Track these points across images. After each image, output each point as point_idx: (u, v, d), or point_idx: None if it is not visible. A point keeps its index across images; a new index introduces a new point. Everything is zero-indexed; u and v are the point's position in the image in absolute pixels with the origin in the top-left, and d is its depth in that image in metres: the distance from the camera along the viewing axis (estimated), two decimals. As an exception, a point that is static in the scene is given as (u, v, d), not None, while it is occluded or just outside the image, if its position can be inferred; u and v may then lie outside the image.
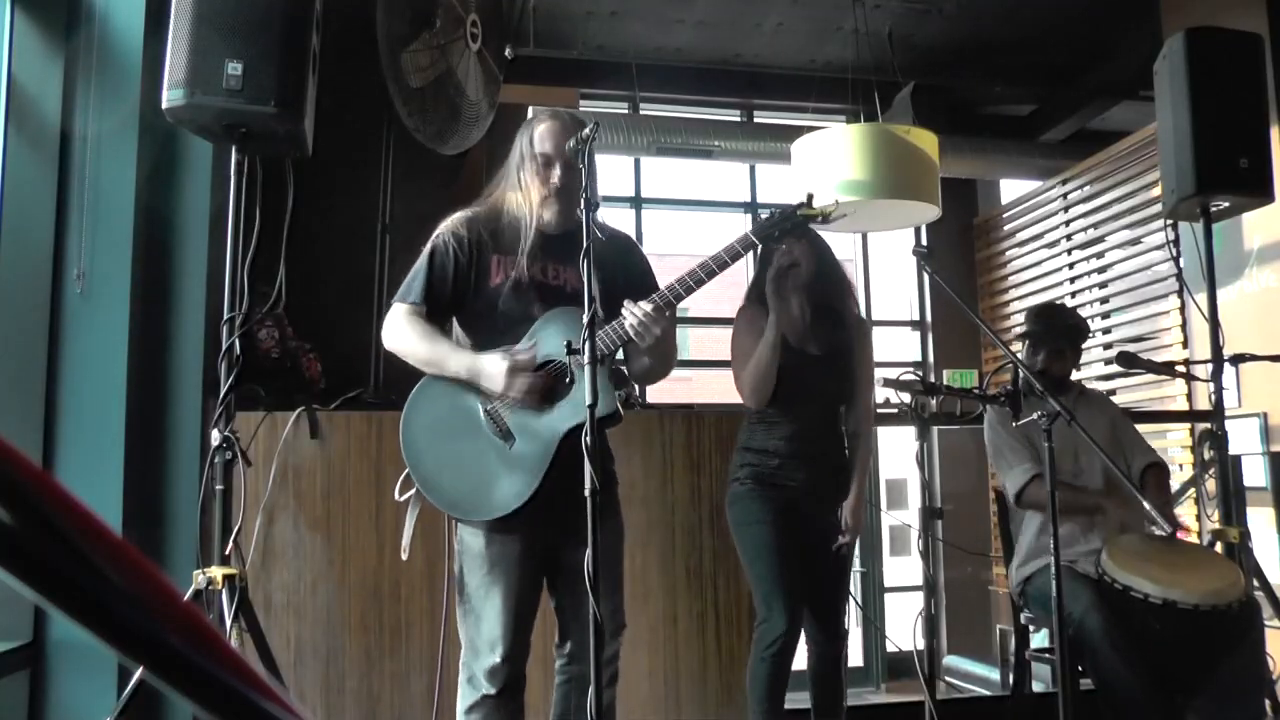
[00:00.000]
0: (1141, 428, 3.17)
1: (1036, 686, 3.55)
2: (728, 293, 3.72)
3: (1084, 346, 3.21)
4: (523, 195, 2.15)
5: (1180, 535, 2.74)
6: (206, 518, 2.33)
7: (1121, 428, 3.05)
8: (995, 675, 5.05)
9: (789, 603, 2.55)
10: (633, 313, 1.99)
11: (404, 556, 2.29)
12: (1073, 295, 5.89)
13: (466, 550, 2.12)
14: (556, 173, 2.12)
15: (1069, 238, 6.00)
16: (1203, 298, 3.16)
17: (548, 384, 2.04)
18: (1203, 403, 4.04)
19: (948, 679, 5.39)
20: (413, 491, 2.12)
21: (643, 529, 3.01)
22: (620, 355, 2.19)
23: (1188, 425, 4.83)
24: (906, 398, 2.69)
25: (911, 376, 2.67)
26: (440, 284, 2.13)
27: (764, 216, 2.20)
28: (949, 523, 5.12)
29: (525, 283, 2.12)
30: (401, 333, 2.12)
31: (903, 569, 6.72)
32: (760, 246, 2.24)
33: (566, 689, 2.19)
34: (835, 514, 2.67)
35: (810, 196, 2.19)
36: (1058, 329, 3.03)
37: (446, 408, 2.09)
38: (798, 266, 2.64)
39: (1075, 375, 3.15)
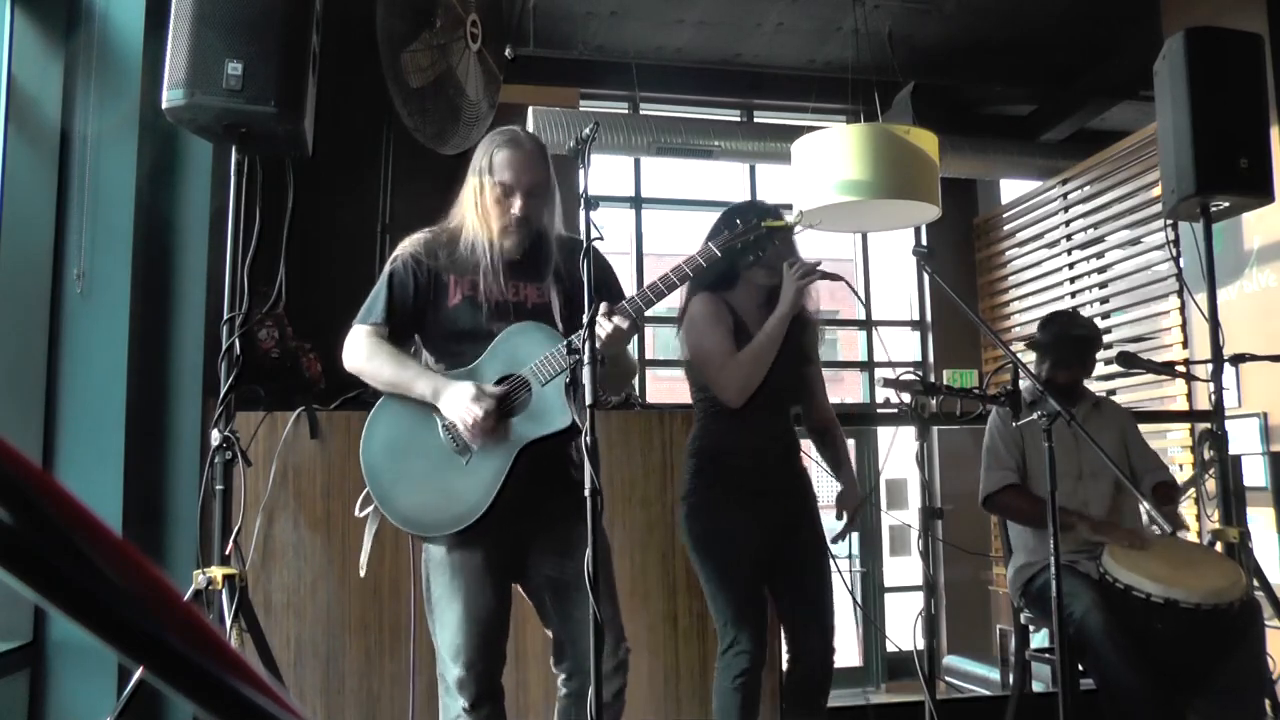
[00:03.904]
0: (1141, 428, 3.17)
1: (1036, 686, 3.55)
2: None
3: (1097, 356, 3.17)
4: (480, 219, 2.12)
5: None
6: (206, 518, 2.32)
7: (1132, 442, 3.04)
8: (995, 675, 5.05)
9: (757, 629, 2.42)
10: (603, 325, 1.94)
11: (361, 574, 2.27)
12: (1073, 295, 5.89)
13: (431, 558, 2.11)
14: (517, 203, 2.10)
15: (1069, 238, 6.00)
16: (1203, 298, 3.16)
17: (492, 422, 2.00)
18: (1203, 403, 4.05)
19: (948, 679, 5.39)
20: (371, 508, 2.12)
21: (642, 529, 3.01)
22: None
23: (1188, 425, 4.83)
24: (906, 398, 2.68)
25: (911, 376, 2.66)
26: (401, 304, 2.12)
27: (729, 230, 2.17)
28: (949, 523, 5.11)
29: (485, 301, 2.10)
30: (364, 354, 2.11)
31: (903, 569, 6.72)
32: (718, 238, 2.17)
33: (568, 703, 2.16)
34: (804, 515, 2.55)
35: (778, 211, 2.18)
36: (1064, 339, 3.00)
37: (405, 424, 2.07)
38: (820, 267, 2.48)
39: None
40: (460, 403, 2.00)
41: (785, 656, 2.59)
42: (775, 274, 2.47)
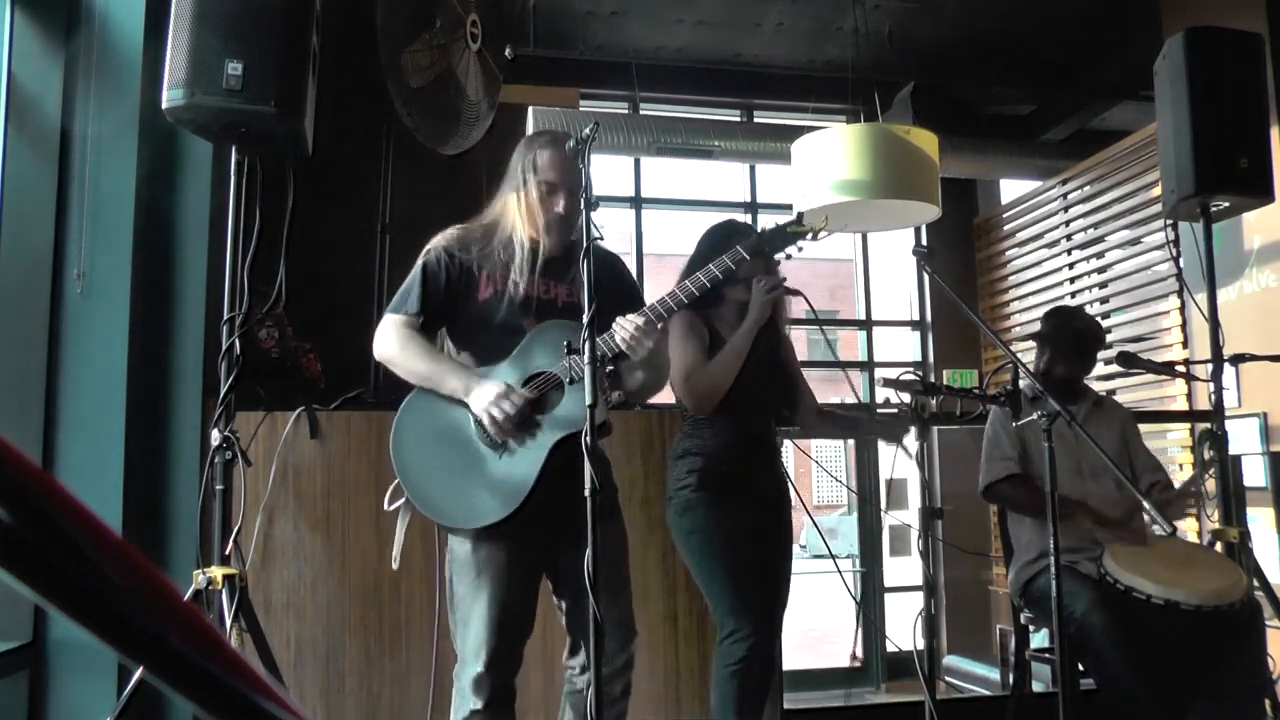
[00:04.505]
0: (1141, 428, 3.17)
1: (1036, 686, 3.55)
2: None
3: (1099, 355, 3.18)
4: (523, 216, 2.16)
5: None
6: (206, 518, 2.32)
7: (1132, 442, 3.05)
8: (995, 675, 5.04)
9: (757, 615, 2.48)
10: (624, 326, 2.00)
11: (394, 566, 2.28)
12: (1073, 295, 5.89)
13: (455, 558, 2.11)
14: (562, 201, 2.14)
15: (1069, 238, 5.99)
16: (1203, 298, 3.16)
17: (520, 419, 2.03)
18: (1203, 403, 4.04)
19: (948, 679, 5.39)
20: (402, 501, 2.12)
21: (643, 529, 3.01)
22: (610, 369, 2.21)
23: (1188, 425, 4.83)
24: (906, 398, 2.69)
25: (911, 376, 2.67)
26: (434, 296, 2.15)
27: (755, 233, 2.22)
28: (949, 523, 5.10)
29: (516, 297, 2.14)
30: (396, 344, 2.12)
31: (903, 569, 6.72)
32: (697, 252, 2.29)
33: (577, 698, 2.16)
34: (780, 517, 2.66)
35: (800, 215, 2.21)
36: (1065, 332, 3.03)
37: (437, 417, 2.09)
38: (785, 283, 2.61)
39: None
40: (486, 399, 2.02)
41: None
42: (749, 290, 2.59)
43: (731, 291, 2.62)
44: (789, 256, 2.29)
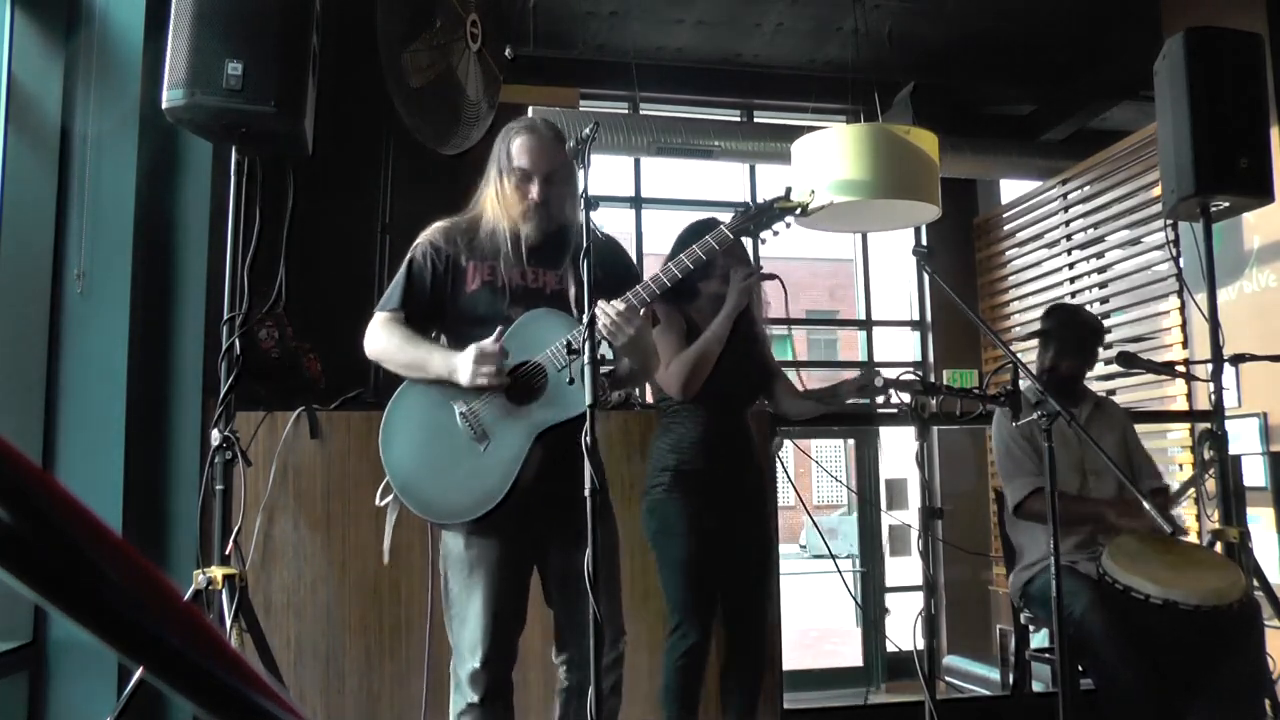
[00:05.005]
0: (1141, 428, 3.17)
1: (1036, 686, 3.55)
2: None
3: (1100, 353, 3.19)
4: (501, 205, 2.16)
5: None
6: (206, 518, 2.33)
7: (1133, 445, 3.05)
8: (995, 675, 5.04)
9: (703, 615, 2.54)
10: (605, 311, 1.98)
11: (385, 561, 2.29)
12: (1073, 295, 5.88)
13: (449, 554, 2.12)
14: (535, 188, 2.13)
15: (1069, 238, 5.99)
16: (1203, 298, 3.16)
17: (508, 373, 2.02)
18: (1203, 403, 4.04)
19: (948, 679, 5.39)
20: (391, 497, 2.12)
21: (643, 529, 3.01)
22: (611, 356, 2.20)
23: (1188, 425, 4.83)
24: (906, 398, 2.69)
25: (911, 376, 2.67)
26: (419, 290, 2.15)
27: (740, 210, 2.19)
28: (949, 523, 5.12)
29: (503, 286, 2.13)
30: (381, 339, 2.13)
31: (903, 569, 6.72)
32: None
33: (565, 697, 2.17)
34: (758, 515, 2.68)
35: (788, 190, 2.19)
36: (1069, 327, 3.06)
37: (424, 411, 2.09)
38: (761, 271, 2.64)
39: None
40: (468, 370, 2.00)
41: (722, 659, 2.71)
42: (726, 285, 2.63)
43: (707, 286, 2.64)
44: (776, 233, 2.27)
